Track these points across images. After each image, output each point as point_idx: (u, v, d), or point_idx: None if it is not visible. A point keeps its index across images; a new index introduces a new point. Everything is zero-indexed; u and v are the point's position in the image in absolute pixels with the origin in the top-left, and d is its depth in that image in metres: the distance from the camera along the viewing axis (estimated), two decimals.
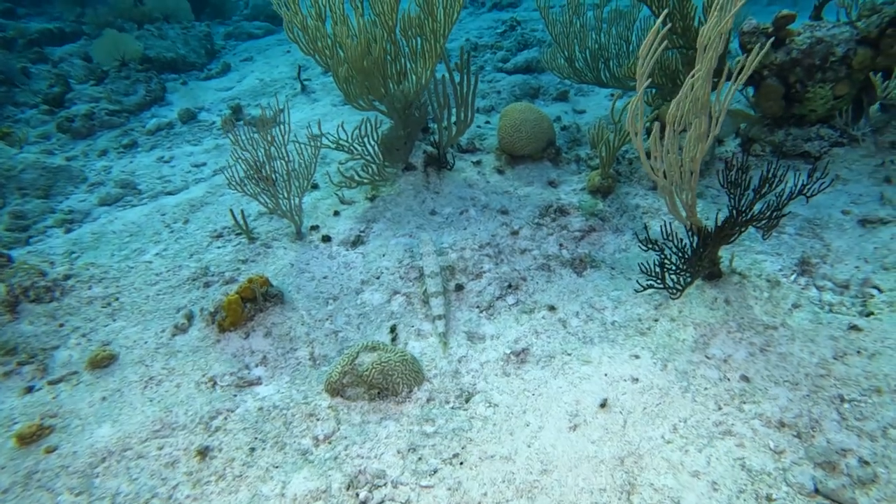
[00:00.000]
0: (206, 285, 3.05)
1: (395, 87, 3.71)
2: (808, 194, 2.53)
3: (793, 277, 2.72)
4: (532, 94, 5.59)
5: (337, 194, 3.71)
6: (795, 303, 2.56)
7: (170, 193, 4.41)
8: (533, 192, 3.55)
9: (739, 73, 2.19)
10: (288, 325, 2.75)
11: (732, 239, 2.47)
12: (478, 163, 3.87)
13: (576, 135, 4.31)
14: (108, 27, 7.59)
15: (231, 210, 3.37)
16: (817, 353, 2.27)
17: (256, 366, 2.57)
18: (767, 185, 2.47)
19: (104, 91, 6.40)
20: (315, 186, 3.86)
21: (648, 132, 3.69)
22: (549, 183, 3.64)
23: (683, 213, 2.53)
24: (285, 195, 3.20)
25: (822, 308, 2.53)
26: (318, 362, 2.58)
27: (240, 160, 3.15)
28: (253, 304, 2.75)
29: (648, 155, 2.42)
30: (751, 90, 3.85)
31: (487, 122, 4.69)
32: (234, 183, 3.15)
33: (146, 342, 2.74)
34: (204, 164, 4.86)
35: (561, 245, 3.10)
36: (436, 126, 4.32)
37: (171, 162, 5.03)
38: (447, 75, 3.58)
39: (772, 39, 2.93)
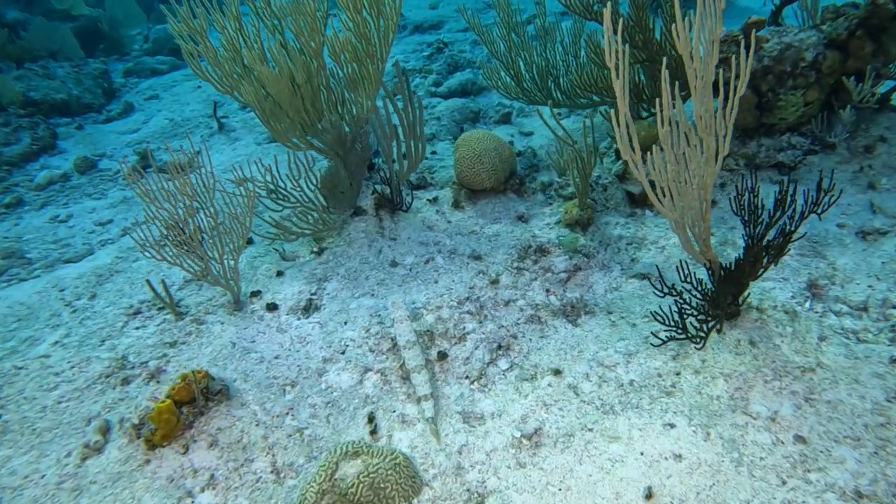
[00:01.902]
0: (125, 382, 2.42)
1: (331, 118, 3.24)
2: (819, 212, 2.29)
3: (807, 305, 2.47)
4: (472, 119, 5.27)
5: (276, 250, 3.17)
6: (821, 335, 2.29)
7: (69, 261, 3.68)
8: (503, 230, 3.17)
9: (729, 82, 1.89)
10: (238, 427, 2.18)
11: (760, 273, 2.17)
12: (434, 200, 3.45)
13: (532, 160, 3.98)
14: None
15: (148, 281, 2.75)
16: (868, 397, 1.99)
17: (202, 491, 1.99)
18: (781, 208, 2.21)
19: None
20: (250, 242, 3.30)
21: (618, 154, 3.42)
22: (518, 218, 3.27)
23: (697, 248, 2.21)
24: (216, 256, 2.64)
25: (849, 338, 2.27)
26: (282, 475, 2.03)
27: (153, 218, 2.56)
28: (191, 406, 2.16)
29: (653, 185, 2.09)
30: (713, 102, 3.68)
31: (434, 153, 4.29)
32: (147, 249, 2.55)
33: (44, 476, 2.09)
34: (110, 222, 4.15)
35: (548, 291, 2.72)
36: (382, 161, 3.87)
37: (69, 221, 4.28)
38: (388, 103, 3.16)
39: (751, 48, 2.70)
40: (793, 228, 2.22)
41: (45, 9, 8.53)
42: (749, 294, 2.30)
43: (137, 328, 2.72)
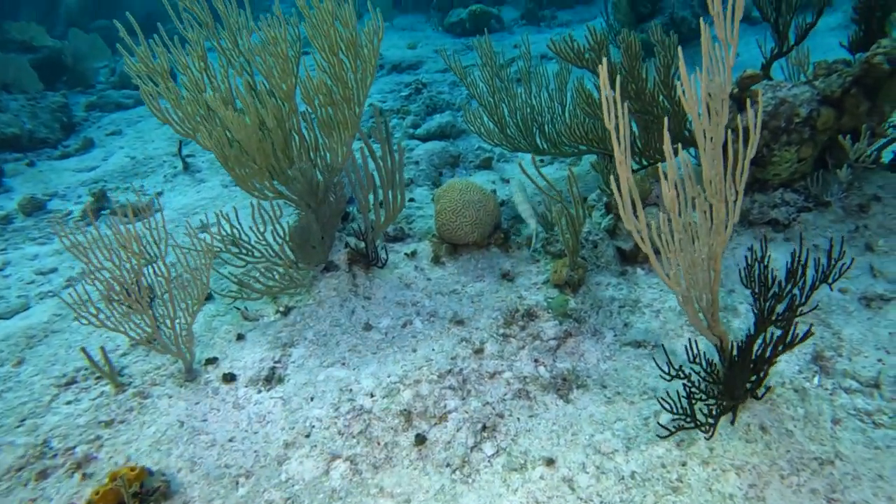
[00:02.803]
0: (42, 476, 2.06)
1: (301, 166, 3.00)
2: (831, 282, 2.12)
3: (816, 381, 2.28)
4: (452, 163, 5.10)
5: (238, 308, 2.87)
6: (834, 417, 2.09)
7: None
8: (486, 289, 2.94)
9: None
10: None
11: (779, 354, 1.97)
12: (412, 254, 3.21)
13: (516, 210, 3.80)
14: None
15: (83, 349, 2.42)
16: None
17: None
18: (793, 280, 2.03)
19: None
20: (209, 297, 3.00)
21: (608, 208, 3.25)
22: (503, 276, 3.04)
23: (704, 323, 2.01)
24: (167, 317, 2.34)
25: (864, 422, 2.08)
26: None
27: (92, 278, 2.26)
28: None
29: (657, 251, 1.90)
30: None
31: (412, 200, 4.08)
32: (83, 313, 2.23)
33: None
34: (53, 271, 3.79)
35: (537, 361, 2.48)
36: (356, 210, 3.64)
37: (5, 269, 3.90)
38: (365, 149, 2.95)
39: (759, 108, 2.57)
40: (803, 301, 2.04)
41: (3, 39, 8.20)
42: (766, 376, 2.09)
43: (68, 403, 2.37)
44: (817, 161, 3.15)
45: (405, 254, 3.22)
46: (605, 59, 1.55)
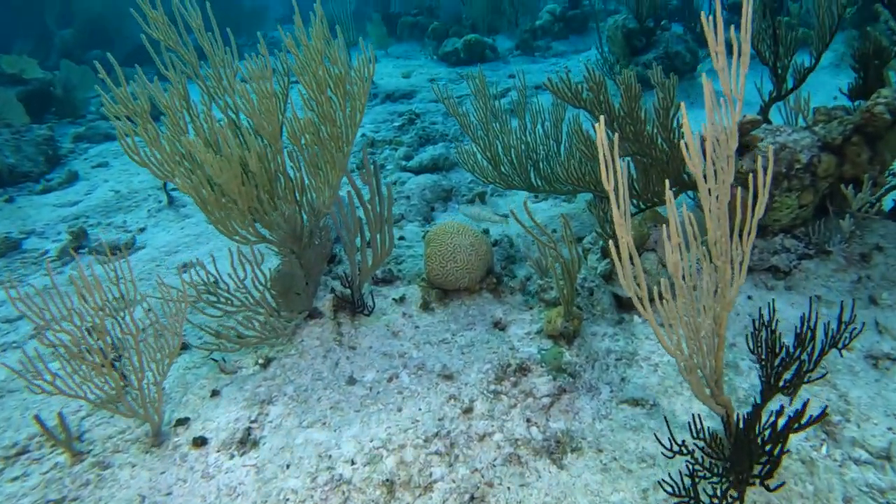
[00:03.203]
0: None
1: (285, 211, 2.89)
2: (841, 347, 2.00)
3: (824, 450, 2.14)
4: (444, 198, 5.00)
5: (215, 360, 2.72)
6: (846, 496, 1.95)
7: None
8: (477, 339, 2.80)
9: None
10: None
11: (793, 432, 1.83)
12: (400, 300, 3.08)
13: (509, 250, 3.68)
14: None
15: (36, 417, 2.25)
16: None
17: None
18: (801, 345, 1.90)
19: None
20: (184, 347, 2.85)
21: (604, 253, 3.14)
22: (494, 324, 2.91)
23: (707, 392, 1.88)
24: (133, 374, 2.18)
25: (877, 500, 1.94)
26: None
27: (50, 344, 2.11)
28: None
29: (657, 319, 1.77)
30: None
31: (402, 238, 3.96)
32: (36, 381, 2.07)
33: None
34: (20, 319, 3.63)
35: (529, 421, 2.33)
36: (343, 251, 3.52)
37: None
38: (352, 191, 2.84)
39: (770, 164, 2.49)
40: (811, 367, 1.92)
41: None
42: (779, 465, 1.95)
43: (15, 479, 2.18)
44: (818, 208, 3.06)
45: (393, 299, 3.09)
46: (602, 118, 1.45)
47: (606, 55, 8.09)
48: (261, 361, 2.67)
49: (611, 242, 1.56)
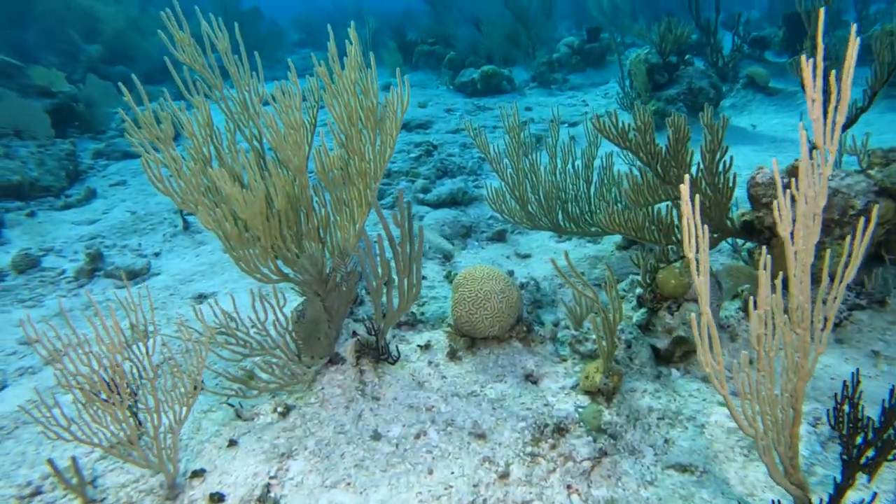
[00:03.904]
0: None
1: (312, 252, 2.77)
2: None
3: None
4: (464, 234, 4.88)
5: (231, 405, 2.58)
6: None
7: None
8: (508, 392, 2.64)
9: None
10: None
11: None
12: (426, 347, 2.93)
13: (535, 294, 3.54)
14: None
15: (50, 462, 2.11)
16: None
17: None
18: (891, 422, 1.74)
19: None
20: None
21: (640, 301, 2.99)
22: (526, 377, 2.75)
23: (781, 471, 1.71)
24: (148, 422, 2.04)
25: None
26: None
27: (66, 385, 1.97)
28: None
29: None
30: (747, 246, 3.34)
31: (423, 278, 3.83)
32: (52, 427, 1.94)
33: None
34: (37, 342, 3.50)
35: (569, 487, 2.16)
36: (364, 290, 3.38)
37: None
38: (382, 233, 2.71)
39: (872, 221, 2.32)
40: None
41: (21, 84, 8.16)
42: None
43: None
44: (873, 256, 2.91)
45: (418, 345, 2.94)
46: (686, 176, 1.32)
47: (628, 90, 8.04)
48: (280, 410, 2.52)
49: (693, 317, 1.42)
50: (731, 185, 2.86)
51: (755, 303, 1.48)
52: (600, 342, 2.48)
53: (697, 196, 1.37)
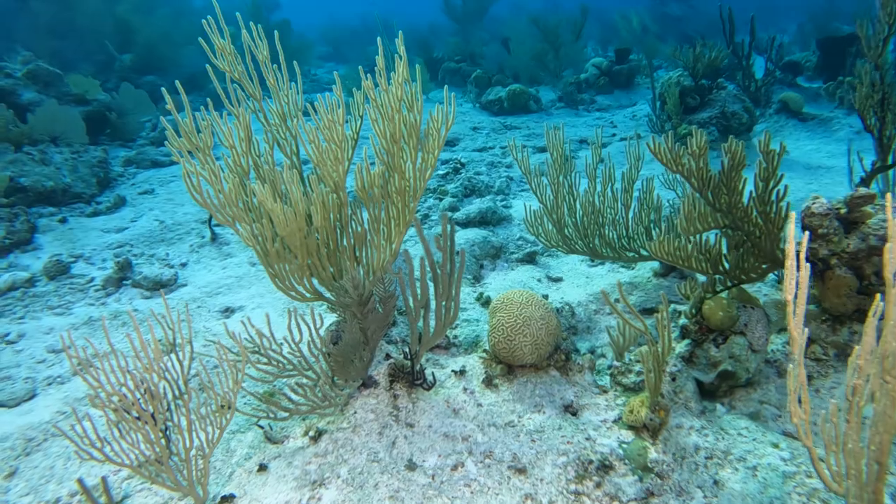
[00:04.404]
0: None
1: (354, 276, 2.70)
2: None
3: None
4: (493, 255, 4.80)
5: (261, 426, 2.50)
6: None
7: (1, 405, 2.97)
8: (547, 424, 2.54)
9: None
10: None
11: None
12: (460, 373, 2.84)
13: (570, 320, 3.43)
14: None
15: (80, 481, 2.05)
16: None
17: None
18: None
19: None
20: (227, 408, 2.63)
21: (684, 333, 2.87)
22: (565, 408, 2.65)
23: None
24: (179, 444, 1.97)
25: None
26: None
27: (101, 405, 1.91)
28: None
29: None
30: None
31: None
32: (85, 448, 1.87)
33: None
34: (80, 368, 3.47)
35: None
36: (399, 315, 3.31)
37: (19, 343, 3.61)
38: (424, 256, 2.64)
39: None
40: None
41: (60, 91, 8.29)
42: None
43: None
44: None
45: (452, 371, 2.85)
46: (792, 216, 1.23)
47: (659, 113, 7.95)
48: (311, 434, 2.44)
49: (790, 368, 1.31)
50: (784, 214, 2.75)
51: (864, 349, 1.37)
52: (648, 376, 2.37)
53: (807, 233, 1.27)
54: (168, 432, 2.01)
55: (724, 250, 2.87)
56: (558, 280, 4.32)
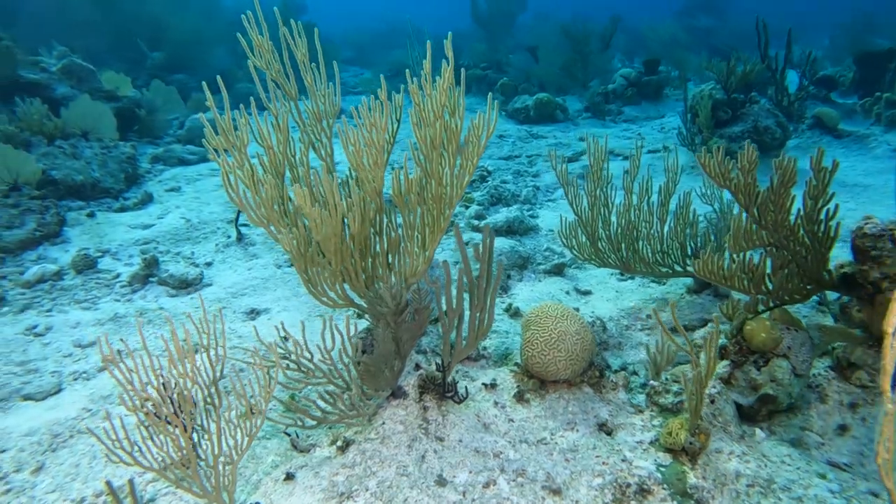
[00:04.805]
0: None
1: (392, 278, 2.66)
2: None
3: None
4: (521, 265, 4.72)
5: (287, 434, 2.46)
6: None
7: (29, 397, 2.97)
8: (581, 443, 2.45)
9: None
10: None
11: None
12: (491, 386, 2.77)
13: (602, 335, 3.35)
14: (10, 140, 6.27)
15: (108, 483, 2.01)
16: None
17: None
18: None
19: None
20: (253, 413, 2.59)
21: (722, 354, 2.77)
22: (599, 426, 2.56)
23: None
24: (208, 450, 1.93)
25: None
26: None
27: (133, 409, 1.87)
28: None
29: None
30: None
31: None
32: (115, 451, 1.84)
33: None
34: (91, 346, 3.48)
35: None
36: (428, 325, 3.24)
37: (46, 336, 3.61)
38: (461, 265, 2.58)
39: None
40: None
41: (92, 87, 8.39)
42: None
43: None
44: None
45: (483, 384, 2.78)
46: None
47: (689, 126, 7.82)
48: (339, 444, 2.38)
49: (888, 407, 1.22)
50: (832, 234, 2.65)
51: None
52: (690, 398, 2.28)
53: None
54: (198, 438, 1.97)
55: (768, 269, 2.77)
56: (587, 293, 4.23)
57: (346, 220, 2.52)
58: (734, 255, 2.72)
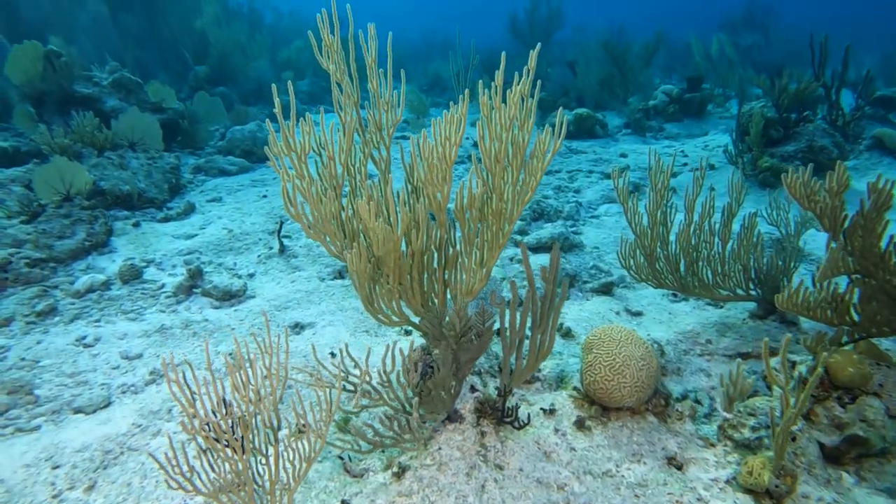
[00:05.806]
0: None
1: (461, 309, 2.55)
2: None
3: None
4: (568, 284, 4.56)
5: (340, 457, 2.36)
6: None
7: (79, 410, 2.94)
8: (650, 478, 2.29)
9: None
10: None
11: None
12: (550, 412, 2.63)
13: (660, 360, 3.18)
14: (64, 151, 6.41)
15: None
16: None
17: None
18: None
19: (33, 232, 5.01)
20: (301, 432, 2.50)
21: (801, 383, 2.58)
22: (668, 460, 2.40)
23: None
24: (264, 477, 1.84)
25: None
26: None
27: (191, 431, 1.80)
28: None
29: None
30: None
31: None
32: (172, 476, 1.76)
33: None
34: (139, 357, 3.45)
35: None
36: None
37: (95, 347, 3.61)
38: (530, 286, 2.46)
39: None
40: None
41: (140, 99, 8.58)
42: None
43: None
44: None
45: (541, 409, 2.64)
46: None
47: (738, 144, 7.58)
48: (394, 469, 2.27)
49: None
50: None
51: None
52: (776, 437, 2.10)
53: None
54: (254, 461, 1.89)
55: (856, 299, 2.58)
56: (639, 314, 4.06)
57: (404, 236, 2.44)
58: (818, 284, 2.54)
